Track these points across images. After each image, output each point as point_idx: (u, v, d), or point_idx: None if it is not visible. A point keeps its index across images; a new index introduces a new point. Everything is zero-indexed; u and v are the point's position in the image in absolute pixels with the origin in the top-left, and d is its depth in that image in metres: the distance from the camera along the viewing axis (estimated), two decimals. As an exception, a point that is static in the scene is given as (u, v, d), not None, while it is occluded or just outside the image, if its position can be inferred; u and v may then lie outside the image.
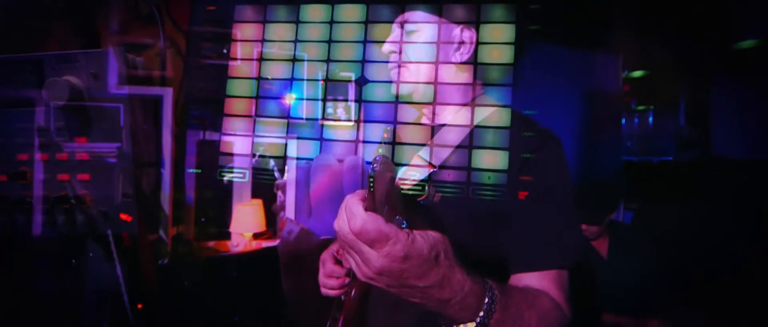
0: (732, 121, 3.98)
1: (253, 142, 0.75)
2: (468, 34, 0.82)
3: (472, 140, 0.67)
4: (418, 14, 0.82)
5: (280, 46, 0.74)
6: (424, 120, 0.83)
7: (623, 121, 4.58)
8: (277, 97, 0.75)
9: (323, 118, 0.74)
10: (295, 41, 0.73)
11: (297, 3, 0.73)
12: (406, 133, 0.69)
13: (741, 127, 3.93)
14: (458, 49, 0.85)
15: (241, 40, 0.74)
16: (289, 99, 0.76)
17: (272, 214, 3.22)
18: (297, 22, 0.73)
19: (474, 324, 0.76)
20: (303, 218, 0.79)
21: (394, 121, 0.72)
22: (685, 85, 4.40)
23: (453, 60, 0.86)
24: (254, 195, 3.20)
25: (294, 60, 0.74)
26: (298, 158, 0.74)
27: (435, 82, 0.72)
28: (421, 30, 0.79)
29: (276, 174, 0.80)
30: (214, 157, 0.75)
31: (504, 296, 0.78)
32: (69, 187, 0.81)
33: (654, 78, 4.50)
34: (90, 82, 0.80)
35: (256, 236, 3.14)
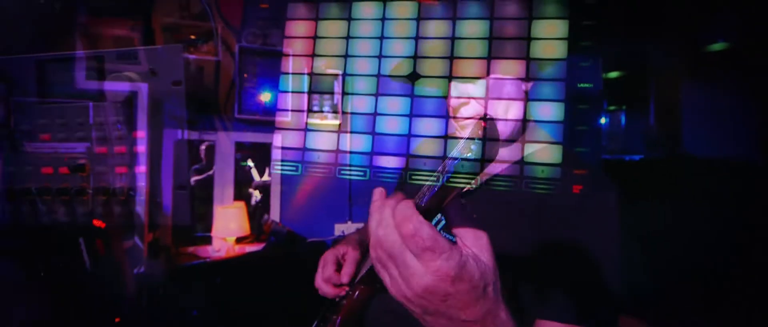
0: (701, 120, 4.17)
1: (304, 138, 0.76)
2: None
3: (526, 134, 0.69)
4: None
5: (331, 43, 0.75)
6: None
7: (608, 120, 4.74)
8: (330, 93, 0.76)
9: (375, 114, 0.75)
10: (347, 38, 0.75)
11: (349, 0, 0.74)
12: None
13: (710, 127, 4.11)
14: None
15: (294, 37, 0.75)
16: (340, 95, 0.77)
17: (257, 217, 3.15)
18: (349, 19, 0.74)
19: None
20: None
21: (446, 115, 0.73)
22: (656, 86, 4.57)
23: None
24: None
25: (346, 56, 0.75)
26: (351, 152, 0.75)
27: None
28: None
29: (253, 175, 0.79)
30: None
31: None
32: (127, 178, 0.81)
33: (627, 79, 4.66)
34: (148, 77, 0.79)
35: (239, 240, 3.05)
